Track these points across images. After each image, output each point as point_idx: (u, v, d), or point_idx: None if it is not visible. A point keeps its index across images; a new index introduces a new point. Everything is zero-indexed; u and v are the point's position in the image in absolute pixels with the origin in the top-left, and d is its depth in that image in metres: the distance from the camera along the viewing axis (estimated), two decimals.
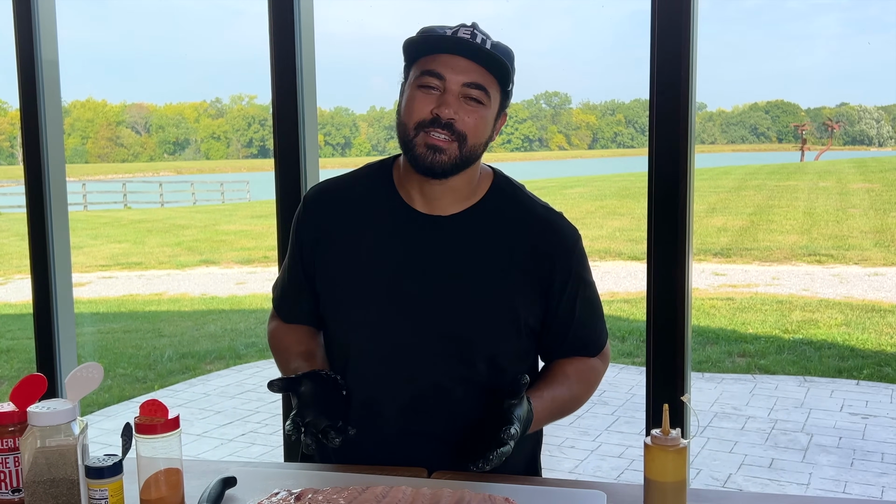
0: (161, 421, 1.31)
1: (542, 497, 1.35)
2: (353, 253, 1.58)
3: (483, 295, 1.54)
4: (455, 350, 1.54)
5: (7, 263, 14.05)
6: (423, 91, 1.48)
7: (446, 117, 1.45)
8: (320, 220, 1.63)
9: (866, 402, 5.88)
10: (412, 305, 1.54)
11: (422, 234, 1.56)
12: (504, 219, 1.58)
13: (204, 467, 1.50)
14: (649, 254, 2.26)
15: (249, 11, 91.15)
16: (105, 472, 1.22)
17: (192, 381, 6.79)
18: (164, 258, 14.53)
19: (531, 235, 1.57)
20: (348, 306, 1.58)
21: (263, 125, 59.15)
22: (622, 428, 5.30)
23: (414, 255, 1.55)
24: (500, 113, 1.55)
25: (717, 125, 65.77)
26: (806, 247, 13.09)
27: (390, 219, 1.58)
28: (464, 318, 1.54)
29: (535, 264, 1.56)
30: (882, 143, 54.66)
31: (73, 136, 58.32)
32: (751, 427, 5.37)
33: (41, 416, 1.25)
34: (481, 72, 1.47)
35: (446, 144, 1.46)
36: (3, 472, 1.40)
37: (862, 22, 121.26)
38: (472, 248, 1.55)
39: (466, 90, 1.47)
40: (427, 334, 1.53)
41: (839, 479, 4.47)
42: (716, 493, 1.40)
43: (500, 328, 1.56)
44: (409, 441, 1.56)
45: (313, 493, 1.31)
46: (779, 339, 7.87)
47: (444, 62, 1.47)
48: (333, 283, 1.60)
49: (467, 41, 1.46)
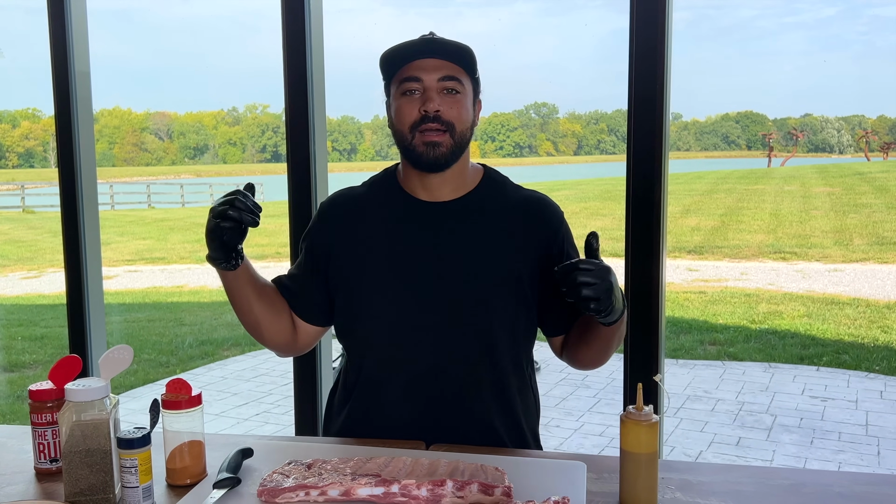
0: (185, 398, 1.33)
1: (529, 467, 1.37)
2: (370, 248, 1.59)
3: (489, 265, 1.55)
4: (469, 320, 1.54)
5: (41, 258, 14.02)
6: (406, 97, 1.53)
7: (433, 110, 1.50)
8: (337, 223, 1.64)
9: (825, 386, 5.90)
10: (427, 284, 1.55)
11: (426, 217, 1.59)
12: (498, 201, 1.62)
13: (224, 440, 1.52)
14: (627, 251, 2.28)
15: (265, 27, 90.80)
16: (135, 443, 1.24)
17: (210, 365, 6.80)
18: (185, 253, 14.52)
19: (524, 211, 1.61)
20: (368, 296, 1.58)
21: (276, 132, 59.05)
22: (603, 409, 5.32)
23: (420, 237, 1.57)
24: (475, 99, 1.60)
25: (692, 133, 65.70)
26: (772, 245, 13.12)
27: (396, 211, 1.61)
28: (473, 288, 1.54)
29: (532, 235, 1.59)
30: (842, 151, 54.68)
31: (100, 142, 58.14)
32: (720, 409, 5.40)
33: (77, 392, 1.27)
34: (450, 65, 1.53)
35: (440, 137, 1.51)
36: (42, 443, 1.43)
37: (825, 40, 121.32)
38: (473, 227, 1.58)
39: (442, 84, 1.52)
40: (443, 310, 1.54)
41: (800, 456, 4.49)
42: (685, 465, 1.42)
43: (509, 295, 1.56)
44: (427, 416, 1.56)
45: (322, 463, 1.33)
46: (746, 329, 7.90)
47: (417, 66, 1.52)
48: (352, 279, 1.59)
49: (431, 41, 1.53)
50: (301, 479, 1.27)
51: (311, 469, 1.31)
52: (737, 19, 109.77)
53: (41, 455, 1.43)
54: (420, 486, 1.23)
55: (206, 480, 1.34)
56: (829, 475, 1.42)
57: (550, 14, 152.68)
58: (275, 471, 1.31)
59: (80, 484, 1.27)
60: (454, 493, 1.22)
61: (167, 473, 1.35)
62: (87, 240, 3.06)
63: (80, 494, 1.28)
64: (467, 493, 1.22)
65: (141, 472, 1.24)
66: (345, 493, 1.24)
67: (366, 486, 1.24)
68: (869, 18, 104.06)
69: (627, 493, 1.25)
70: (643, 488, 1.24)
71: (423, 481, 1.24)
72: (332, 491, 1.24)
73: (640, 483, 1.24)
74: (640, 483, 1.24)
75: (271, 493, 1.25)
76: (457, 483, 1.24)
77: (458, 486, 1.23)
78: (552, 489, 1.27)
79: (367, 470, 1.30)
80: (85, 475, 1.27)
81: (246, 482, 1.32)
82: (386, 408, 1.57)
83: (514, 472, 1.32)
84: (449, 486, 1.23)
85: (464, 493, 1.22)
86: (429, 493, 1.22)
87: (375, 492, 1.24)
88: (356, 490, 1.24)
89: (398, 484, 1.24)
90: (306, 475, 1.29)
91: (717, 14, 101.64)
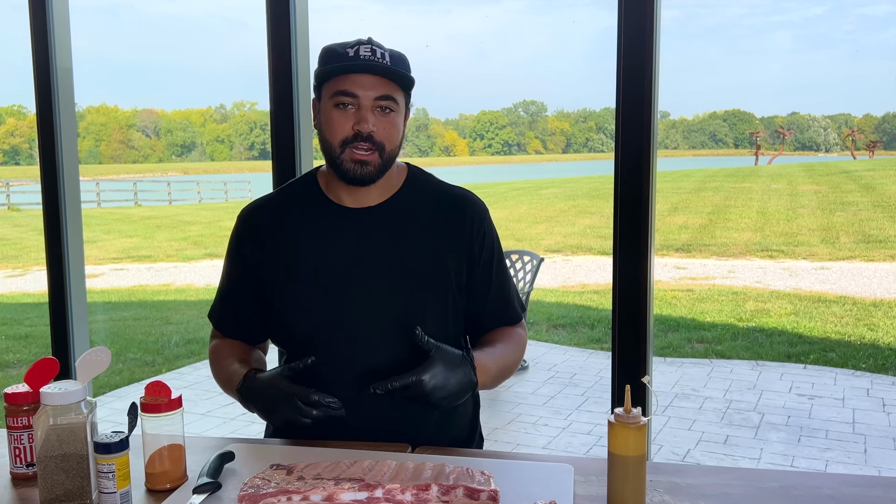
0: (164, 401, 1.31)
1: (516, 470, 1.35)
2: (295, 254, 1.59)
3: (420, 262, 1.57)
4: (405, 320, 1.53)
5: (26, 256, 13.92)
6: (339, 110, 1.51)
7: (366, 131, 1.50)
8: (258, 231, 1.64)
9: (812, 384, 5.92)
10: (358, 288, 1.55)
11: (354, 224, 1.59)
12: (423, 199, 1.63)
13: (204, 444, 1.49)
14: (615, 249, 2.27)
15: (252, 24, 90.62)
16: (112, 448, 1.21)
17: (196, 364, 6.74)
18: (172, 252, 14.44)
19: (449, 208, 1.63)
20: (299, 303, 1.58)
21: (264, 130, 58.88)
22: (591, 408, 5.32)
23: (351, 244, 1.58)
24: (407, 110, 1.59)
25: (680, 132, 65.94)
26: (759, 243, 13.17)
27: (324, 218, 1.60)
28: (407, 287, 1.56)
29: (456, 228, 1.61)
30: (829, 149, 55.01)
31: (87, 139, 57.82)
32: (708, 407, 5.40)
33: (53, 395, 1.24)
34: (387, 84, 1.51)
35: (369, 156, 1.51)
36: (18, 447, 1.39)
37: (812, 38, 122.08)
38: (401, 227, 1.59)
39: (378, 102, 1.51)
40: (377, 312, 1.55)
41: (787, 454, 4.50)
42: (673, 467, 1.40)
43: (443, 289, 1.58)
44: (386, 414, 1.55)
45: (304, 467, 1.31)
46: (734, 327, 7.92)
47: (354, 81, 1.50)
48: (281, 285, 1.60)
49: (371, 61, 1.49)
50: (283, 483, 1.25)
51: (293, 473, 1.29)
52: (725, 18, 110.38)
53: (17, 460, 1.40)
54: (404, 490, 1.21)
55: (186, 485, 1.32)
56: (818, 477, 1.41)
57: (539, 12, 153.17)
58: (256, 475, 1.29)
59: (56, 489, 1.25)
60: (439, 498, 1.20)
61: (146, 478, 1.32)
62: (70, 238, 3.03)
63: (57, 500, 1.25)
64: (452, 498, 1.20)
65: (118, 478, 1.22)
66: (327, 498, 1.22)
67: (349, 491, 1.22)
68: (856, 17, 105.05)
69: (615, 496, 1.24)
70: (631, 491, 1.23)
71: (407, 485, 1.22)
72: (315, 496, 1.22)
73: (628, 486, 1.22)
74: (627, 486, 1.22)
75: (252, 498, 1.22)
76: (442, 487, 1.21)
77: (443, 490, 1.21)
78: (539, 493, 1.25)
79: (351, 474, 1.27)
80: (61, 480, 1.25)
81: (227, 487, 1.30)
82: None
83: (501, 476, 1.30)
84: (434, 491, 1.21)
85: (449, 498, 1.20)
86: (413, 497, 1.20)
87: (359, 496, 1.21)
88: (339, 495, 1.22)
89: (382, 488, 1.22)
90: (288, 480, 1.26)
91: (706, 12, 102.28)
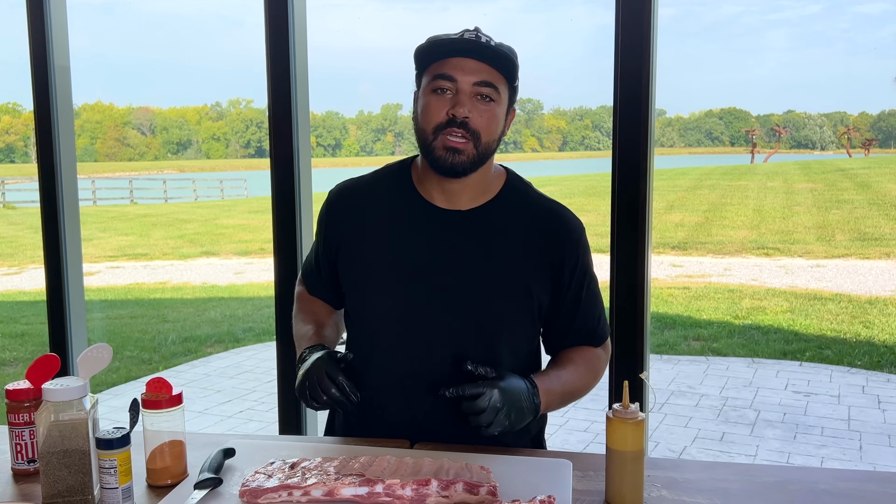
0: (165, 397, 1.32)
1: (514, 465, 1.36)
2: (377, 248, 1.54)
3: (502, 280, 1.51)
4: (477, 334, 1.50)
5: (22, 254, 13.89)
6: (436, 95, 1.45)
7: (461, 116, 1.43)
8: (343, 216, 1.60)
9: (808, 381, 5.94)
10: (436, 295, 1.50)
11: (442, 227, 1.53)
12: (518, 212, 1.56)
13: (205, 440, 1.50)
14: (612, 247, 2.28)
15: (248, 22, 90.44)
16: (114, 444, 1.22)
17: (193, 362, 6.75)
18: (168, 250, 14.42)
19: (543, 226, 1.55)
20: (373, 299, 1.54)
21: (260, 127, 58.77)
22: (588, 405, 5.32)
23: (435, 247, 1.52)
24: (510, 108, 1.53)
25: (676, 130, 65.96)
26: (755, 241, 13.20)
27: (411, 215, 1.55)
28: (485, 302, 1.50)
29: (547, 252, 1.54)
30: (824, 147, 55.06)
31: (82, 137, 57.64)
32: (704, 404, 5.42)
33: (55, 392, 1.25)
34: (489, 70, 1.45)
35: (463, 145, 1.44)
36: (20, 444, 1.40)
37: (808, 37, 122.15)
38: (490, 239, 1.52)
39: (477, 89, 1.44)
40: (451, 321, 1.50)
41: (783, 451, 4.52)
42: (671, 462, 1.42)
43: (519, 311, 1.53)
44: (434, 420, 1.52)
45: (305, 462, 1.32)
46: (730, 325, 7.94)
47: (454, 65, 1.44)
48: (358, 278, 1.56)
49: (473, 42, 1.43)
50: (284, 479, 1.26)
51: (294, 469, 1.30)
52: (721, 16, 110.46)
53: (18, 456, 1.41)
54: (404, 485, 1.22)
55: (187, 481, 1.33)
56: (814, 472, 1.42)
57: (536, 9, 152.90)
58: (257, 471, 1.30)
59: (59, 485, 1.25)
60: (439, 493, 1.21)
61: (147, 474, 1.33)
62: (68, 236, 3.03)
63: (59, 496, 1.25)
64: (452, 493, 1.21)
65: (120, 473, 1.22)
66: (328, 494, 1.23)
67: (350, 486, 1.23)
68: (852, 15, 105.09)
69: (613, 491, 1.25)
70: (629, 486, 1.24)
71: (407, 481, 1.23)
72: (316, 491, 1.23)
73: (626, 481, 1.24)
74: (626, 481, 1.24)
75: (253, 493, 1.23)
76: (441, 482, 1.22)
77: (442, 485, 1.22)
78: (538, 488, 1.26)
79: (351, 469, 1.28)
80: (63, 476, 1.25)
81: (228, 482, 1.30)
82: (388, 409, 1.54)
83: (500, 471, 1.31)
84: (433, 486, 1.22)
85: (448, 493, 1.21)
86: (413, 492, 1.21)
87: (359, 492, 1.22)
88: (340, 490, 1.23)
89: (382, 484, 1.23)
90: (289, 475, 1.27)
91: (702, 10, 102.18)
